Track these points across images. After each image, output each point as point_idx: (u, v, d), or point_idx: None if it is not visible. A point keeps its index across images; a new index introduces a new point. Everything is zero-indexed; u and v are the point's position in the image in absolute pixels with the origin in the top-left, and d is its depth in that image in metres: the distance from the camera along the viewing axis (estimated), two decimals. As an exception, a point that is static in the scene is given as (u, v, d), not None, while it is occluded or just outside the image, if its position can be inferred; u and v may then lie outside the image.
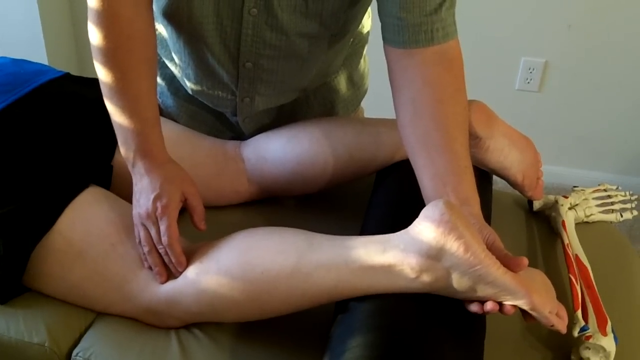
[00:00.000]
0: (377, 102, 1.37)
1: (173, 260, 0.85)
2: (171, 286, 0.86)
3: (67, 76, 1.11)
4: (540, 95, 2.11)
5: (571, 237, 1.02)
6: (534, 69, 2.06)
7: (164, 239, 0.85)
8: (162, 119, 1.11)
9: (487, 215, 0.95)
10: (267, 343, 0.87)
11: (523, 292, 0.71)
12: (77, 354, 0.87)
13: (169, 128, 1.09)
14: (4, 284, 0.89)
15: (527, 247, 1.06)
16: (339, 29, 0.98)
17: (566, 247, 0.99)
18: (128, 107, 0.87)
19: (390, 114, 1.06)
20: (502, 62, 2.07)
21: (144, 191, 0.87)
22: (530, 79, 2.08)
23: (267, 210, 1.11)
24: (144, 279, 0.88)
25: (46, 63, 2.06)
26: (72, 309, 0.91)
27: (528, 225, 1.11)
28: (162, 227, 0.85)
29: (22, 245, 0.88)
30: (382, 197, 0.98)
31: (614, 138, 2.13)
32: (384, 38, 0.87)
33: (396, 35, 0.85)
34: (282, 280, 0.78)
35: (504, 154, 1.01)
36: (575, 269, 0.95)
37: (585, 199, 1.11)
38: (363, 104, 1.27)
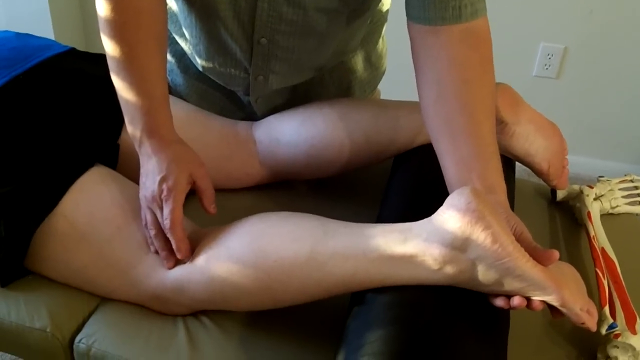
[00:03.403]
0: (393, 86, 1.33)
1: (173, 246, 0.81)
2: (179, 272, 0.82)
3: (72, 51, 1.06)
4: (558, 82, 2.06)
5: (597, 229, 0.97)
6: (552, 55, 2.01)
7: (166, 222, 0.81)
8: (172, 98, 1.07)
9: (510, 205, 0.91)
10: (278, 333, 0.83)
11: (553, 287, 0.66)
12: (80, 340, 0.83)
13: (178, 107, 1.05)
14: (5, 267, 0.85)
15: (550, 238, 1.01)
16: (359, 4, 0.93)
17: (592, 239, 0.95)
18: (136, 84, 0.83)
19: (407, 97, 1.02)
20: (520, 47, 2.02)
21: (151, 173, 0.83)
22: (549, 65, 2.03)
23: (279, 194, 1.07)
24: (151, 264, 0.84)
25: (52, 37, 2.02)
26: (75, 294, 0.88)
27: (550, 216, 1.07)
28: (166, 211, 0.81)
29: (24, 227, 0.84)
30: (400, 183, 0.94)
31: (635, 128, 2.08)
32: (407, 14, 0.82)
33: (421, 11, 0.80)
34: (296, 269, 0.74)
35: (529, 141, 0.96)
36: (602, 263, 0.90)
37: (611, 190, 1.07)
38: (380, 86, 1.22)
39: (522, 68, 2.06)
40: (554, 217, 1.06)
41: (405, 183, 0.92)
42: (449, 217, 0.68)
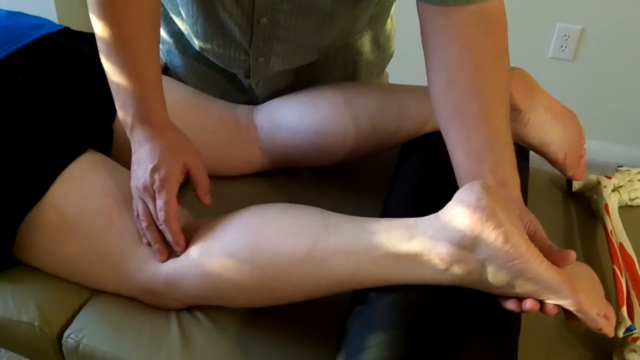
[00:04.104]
0: (402, 69, 1.27)
1: (170, 240, 0.77)
2: (172, 266, 0.78)
3: (65, 31, 1.02)
4: (574, 64, 1.99)
5: (615, 223, 0.92)
6: (569, 36, 1.94)
7: (160, 214, 0.76)
8: (170, 80, 1.03)
9: (523, 197, 0.86)
10: (275, 331, 0.79)
11: (569, 291, 0.62)
12: (69, 335, 0.80)
13: (176, 90, 1.00)
14: (-8, 257, 0.82)
15: (564, 233, 0.96)
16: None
17: (609, 234, 0.90)
18: (126, 67, 0.78)
19: (417, 81, 0.96)
20: (535, 27, 1.95)
21: (142, 161, 0.79)
22: (565, 47, 1.96)
23: (280, 182, 1.02)
24: (143, 257, 0.80)
25: (55, 16, 1.97)
26: (65, 286, 0.84)
27: (566, 208, 1.01)
28: (159, 202, 0.77)
29: (10, 217, 0.80)
30: (407, 172, 0.89)
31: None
32: (417, -7, 0.77)
33: (432, -10, 0.74)
34: (294, 266, 0.70)
35: (544, 129, 0.91)
36: (620, 259, 0.85)
37: (630, 181, 1.01)
38: (388, 69, 1.17)
39: (537, 49, 1.99)
40: (569, 209, 1.01)
41: (412, 173, 0.87)
42: (458, 214, 0.63)
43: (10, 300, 0.82)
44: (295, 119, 0.96)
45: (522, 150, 0.95)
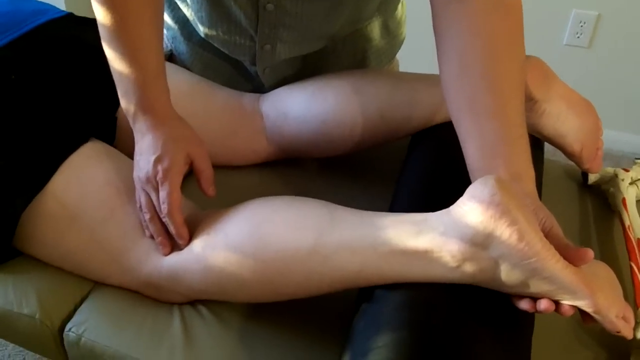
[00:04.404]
0: (413, 56, 1.24)
1: (173, 232, 0.75)
2: (174, 259, 0.76)
3: (69, 17, 0.99)
4: (590, 51, 1.95)
5: (633, 218, 0.89)
6: (585, 23, 1.89)
7: (163, 207, 0.74)
8: (175, 68, 1.01)
9: (537, 191, 0.83)
10: (280, 325, 0.78)
11: (586, 291, 0.59)
12: (70, 329, 0.78)
13: (182, 78, 0.98)
14: (-8, 248, 0.80)
15: (580, 227, 0.93)
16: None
17: (627, 229, 0.87)
18: (128, 55, 0.76)
19: (428, 69, 0.93)
20: (550, 13, 1.90)
21: (145, 152, 0.76)
22: (581, 34, 1.92)
23: (286, 172, 1.00)
24: (145, 249, 0.78)
25: (62, 1, 1.94)
26: (67, 278, 0.82)
27: (581, 201, 0.98)
28: (162, 194, 0.75)
29: (11, 207, 0.78)
30: (417, 164, 0.86)
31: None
32: (428, -23, 0.74)
33: (443, -27, 0.71)
34: (298, 261, 0.68)
35: (560, 120, 0.88)
36: (638, 256, 0.82)
37: (649, 173, 0.98)
38: (398, 56, 1.13)
39: (552, 36, 1.94)
40: (585, 202, 0.98)
41: (422, 165, 0.85)
42: (470, 210, 0.60)
43: (11, 292, 0.81)
44: (302, 107, 0.93)
45: (537, 142, 0.91)
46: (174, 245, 0.77)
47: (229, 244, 0.71)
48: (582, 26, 1.90)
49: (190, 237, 0.76)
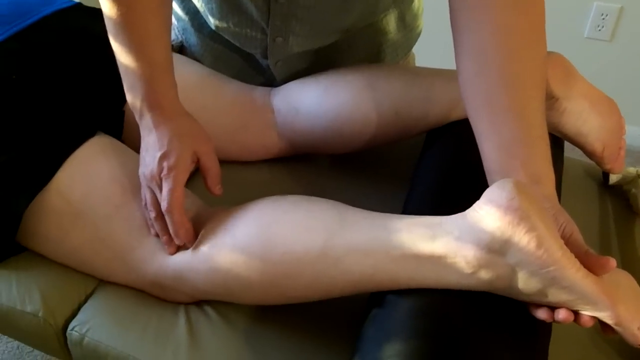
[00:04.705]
0: (430, 50, 1.21)
1: (171, 230, 0.73)
2: (180, 259, 0.74)
3: (77, 7, 0.97)
4: (611, 45, 1.90)
5: (656, 221, 0.86)
6: (606, 15, 1.84)
7: (164, 204, 0.72)
8: (184, 60, 0.99)
9: (557, 192, 0.80)
10: (288, 327, 0.76)
11: (607, 302, 0.56)
12: (74, 328, 0.77)
13: (192, 70, 0.96)
14: (-4, 243, 0.79)
15: (600, 230, 0.90)
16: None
17: (650, 233, 0.83)
18: (135, 48, 0.73)
19: (445, 63, 0.90)
20: (570, 5, 1.85)
21: (151, 148, 0.74)
22: (602, 27, 1.87)
23: (297, 169, 0.98)
24: (151, 248, 0.76)
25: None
26: (71, 275, 0.81)
27: (601, 202, 0.95)
28: (164, 191, 0.73)
29: (15, 202, 0.76)
30: (432, 163, 0.83)
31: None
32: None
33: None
34: (307, 264, 0.65)
35: (582, 119, 0.84)
36: (661, 261, 0.79)
37: (673, 174, 0.94)
38: (414, 50, 1.10)
39: (573, 29, 1.90)
40: (605, 203, 0.95)
41: (438, 164, 0.82)
42: (487, 215, 0.58)
43: (14, 289, 0.79)
44: (314, 102, 0.91)
45: (557, 141, 0.88)
46: (179, 244, 0.75)
47: (236, 244, 0.69)
48: (603, 19, 1.85)
49: (197, 237, 0.74)
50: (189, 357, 0.72)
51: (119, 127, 0.91)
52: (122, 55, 0.75)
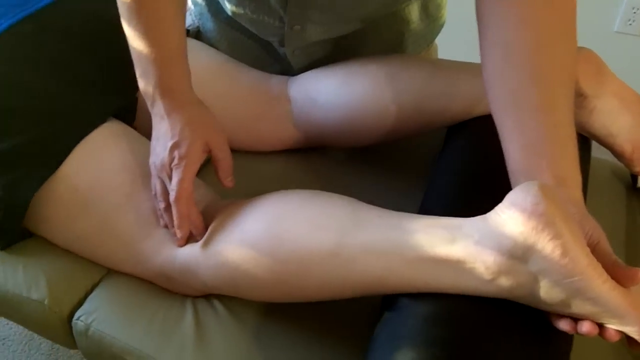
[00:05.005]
0: (453, 41, 1.17)
1: (175, 222, 0.71)
2: (188, 252, 0.72)
3: (90, -11, 0.95)
4: (642, 40, 1.84)
5: (685, 228, 0.82)
6: (638, 9, 1.79)
7: (172, 194, 0.70)
8: (200, 46, 0.96)
9: (583, 194, 0.76)
10: (297, 324, 0.74)
11: (634, 317, 0.53)
12: (79, 317, 0.75)
13: (208, 57, 0.93)
14: (2, 228, 0.77)
15: (626, 236, 0.86)
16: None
17: (679, 240, 0.80)
18: (147, 33, 0.71)
19: (469, 55, 0.86)
20: (601, -2, 1.80)
21: (162, 137, 0.72)
22: (633, 21, 1.81)
23: (311, 161, 0.95)
24: (159, 239, 0.74)
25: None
26: (78, 264, 0.80)
27: (629, 207, 0.91)
28: (174, 181, 0.71)
29: (23, 188, 0.75)
30: (452, 160, 0.80)
31: None
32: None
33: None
34: (317, 263, 0.63)
35: (611, 118, 0.81)
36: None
37: None
38: (437, 41, 1.07)
39: (602, 22, 1.84)
40: (633, 208, 0.91)
41: (458, 163, 0.78)
42: (510, 219, 0.55)
43: (21, 275, 0.78)
44: (332, 93, 0.88)
45: (584, 141, 0.84)
46: (190, 236, 0.73)
47: (244, 239, 0.67)
48: (634, 12, 1.80)
49: (206, 230, 0.72)
50: (195, 352, 0.71)
51: (132, 113, 0.89)
52: (135, 40, 0.72)
